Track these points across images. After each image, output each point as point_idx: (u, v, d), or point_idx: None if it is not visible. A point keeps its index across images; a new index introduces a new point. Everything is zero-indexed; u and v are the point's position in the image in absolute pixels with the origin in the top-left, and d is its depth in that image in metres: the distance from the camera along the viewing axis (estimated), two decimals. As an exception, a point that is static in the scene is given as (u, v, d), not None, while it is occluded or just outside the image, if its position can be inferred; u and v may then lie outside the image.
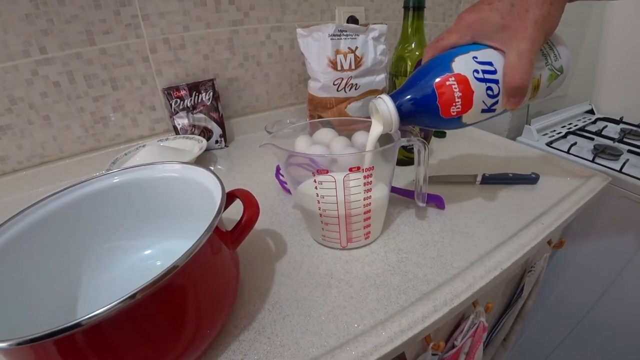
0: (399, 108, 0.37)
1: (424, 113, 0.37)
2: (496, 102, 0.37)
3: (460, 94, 0.36)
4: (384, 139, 0.45)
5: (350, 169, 0.36)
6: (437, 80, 0.36)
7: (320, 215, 0.41)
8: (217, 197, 0.34)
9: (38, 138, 0.66)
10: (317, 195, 0.39)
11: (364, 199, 0.39)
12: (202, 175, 0.37)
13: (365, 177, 0.37)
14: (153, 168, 0.40)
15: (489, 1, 0.35)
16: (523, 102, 0.37)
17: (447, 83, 0.36)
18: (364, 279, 0.41)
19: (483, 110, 0.37)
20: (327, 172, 0.36)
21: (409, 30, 0.55)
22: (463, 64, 0.36)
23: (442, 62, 0.37)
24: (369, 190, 0.39)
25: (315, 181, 0.37)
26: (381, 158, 0.41)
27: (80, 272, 0.39)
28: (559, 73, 0.40)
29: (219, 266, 0.32)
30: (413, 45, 0.55)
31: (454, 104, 0.36)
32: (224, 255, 0.33)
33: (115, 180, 0.39)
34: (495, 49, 0.36)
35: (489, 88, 0.36)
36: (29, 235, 0.34)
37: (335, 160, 0.40)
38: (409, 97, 0.37)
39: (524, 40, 0.34)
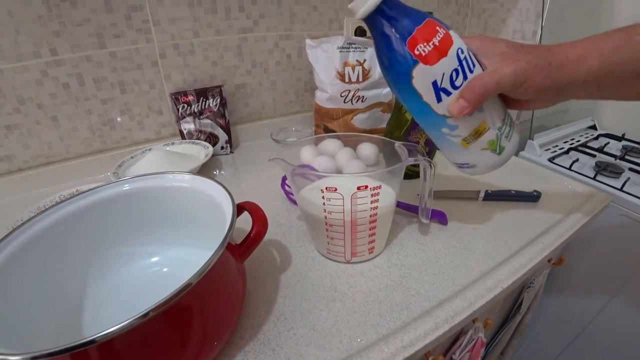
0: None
1: (396, 27, 0.33)
2: (447, 93, 0.34)
3: (438, 43, 0.32)
4: (390, 154, 0.46)
5: (359, 188, 0.36)
6: (431, 17, 0.33)
7: (326, 226, 0.41)
8: (227, 211, 0.34)
9: (45, 138, 0.67)
10: (325, 211, 0.39)
11: (371, 209, 0.40)
12: (212, 188, 0.38)
13: (372, 195, 0.38)
14: (163, 177, 0.40)
15: (510, 42, 0.36)
16: (459, 121, 0.36)
17: (436, 27, 0.33)
18: (367, 294, 0.41)
19: (434, 85, 0.34)
20: (336, 190, 0.36)
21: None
22: (456, 39, 0.34)
23: (444, 25, 0.34)
24: (376, 202, 0.39)
25: (323, 197, 0.38)
26: (388, 173, 0.41)
27: (88, 276, 0.39)
28: (497, 150, 0.39)
29: (228, 280, 0.32)
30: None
31: (425, 43, 0.32)
32: (233, 268, 0.33)
33: (125, 188, 0.40)
34: (483, 66, 0.36)
35: (456, 70, 0.34)
36: (40, 241, 0.34)
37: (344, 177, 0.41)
38: (399, 4, 0.33)
39: (507, 66, 0.33)
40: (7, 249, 0.32)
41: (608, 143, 0.98)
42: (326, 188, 0.37)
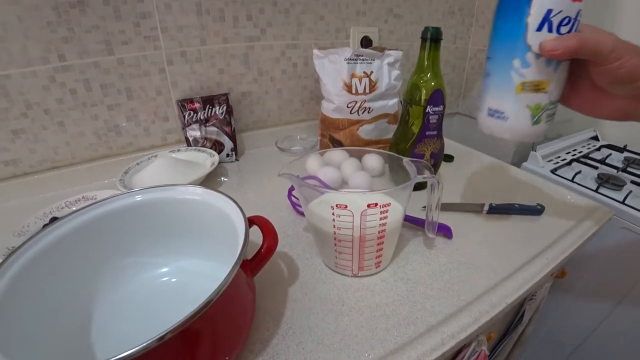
0: None
1: None
2: (550, 29, 0.35)
3: None
4: (396, 166, 0.46)
5: (369, 205, 0.37)
6: None
7: (335, 241, 0.42)
8: (238, 225, 0.35)
9: (51, 143, 0.67)
10: (334, 227, 0.40)
11: (379, 225, 0.40)
12: (223, 202, 0.38)
13: (382, 212, 0.38)
14: (175, 189, 0.41)
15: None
16: (535, 62, 0.37)
17: None
18: (374, 308, 0.42)
19: (547, 13, 0.35)
20: (346, 207, 0.37)
21: (425, 61, 0.57)
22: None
23: None
24: (385, 218, 0.40)
25: (333, 214, 0.38)
26: (396, 189, 0.42)
27: (98, 285, 0.40)
28: (535, 118, 0.40)
29: (240, 296, 0.33)
30: (428, 75, 0.57)
31: None
32: (244, 284, 0.34)
33: (137, 199, 0.40)
34: None
35: (569, 18, 0.35)
36: (52, 250, 0.35)
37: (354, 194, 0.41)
38: None
39: (609, 38, 0.35)
40: (20, 260, 0.32)
41: (610, 155, 0.98)
42: (336, 205, 0.37)
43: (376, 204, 0.37)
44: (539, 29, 0.35)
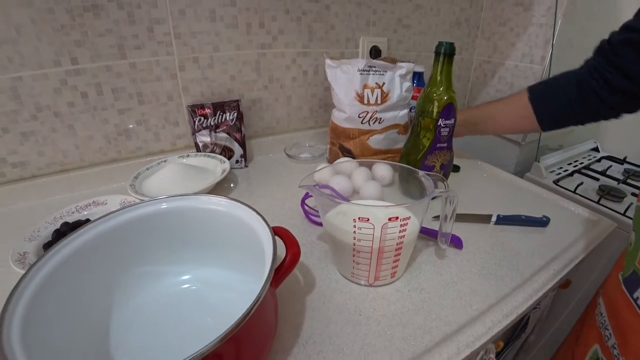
0: None
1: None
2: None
3: None
4: (406, 176, 0.47)
5: (390, 219, 0.38)
6: None
7: (354, 252, 0.42)
8: (264, 238, 0.35)
9: (60, 146, 0.67)
10: (355, 239, 0.40)
11: (398, 237, 0.41)
12: (247, 214, 0.39)
13: (401, 225, 0.39)
14: (199, 199, 0.41)
15: None
16: None
17: None
18: (391, 317, 0.42)
19: None
20: (368, 220, 0.38)
21: (438, 75, 0.58)
22: None
23: None
24: (404, 231, 0.41)
25: (355, 226, 0.39)
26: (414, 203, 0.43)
27: (119, 292, 0.40)
28: None
29: (266, 309, 0.33)
30: (441, 89, 0.58)
31: None
32: (269, 296, 0.34)
33: (163, 207, 0.41)
34: None
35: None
36: (76, 258, 0.35)
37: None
38: None
39: None
40: (44, 270, 0.32)
41: (610, 166, 1.00)
42: (359, 218, 0.38)
43: (397, 218, 0.38)
44: None
